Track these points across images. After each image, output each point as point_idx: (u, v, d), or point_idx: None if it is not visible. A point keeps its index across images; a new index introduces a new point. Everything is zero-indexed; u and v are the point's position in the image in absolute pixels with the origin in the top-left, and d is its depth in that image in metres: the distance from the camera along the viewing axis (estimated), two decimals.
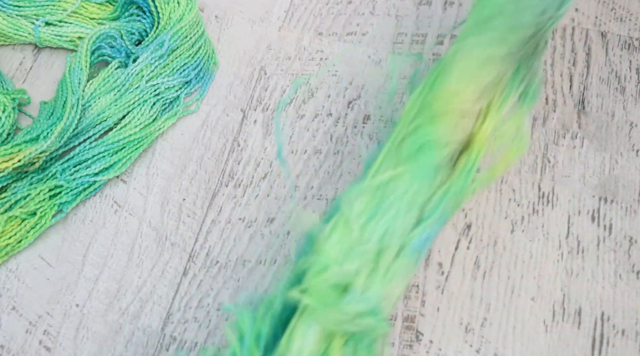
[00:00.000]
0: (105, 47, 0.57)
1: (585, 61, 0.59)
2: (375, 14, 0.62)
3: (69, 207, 0.52)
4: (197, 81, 0.59)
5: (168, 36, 0.56)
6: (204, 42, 0.58)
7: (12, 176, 0.52)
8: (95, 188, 0.54)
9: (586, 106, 0.56)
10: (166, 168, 0.55)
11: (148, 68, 0.56)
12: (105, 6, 0.61)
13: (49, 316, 0.49)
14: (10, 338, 0.49)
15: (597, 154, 0.54)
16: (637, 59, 0.59)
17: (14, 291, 0.50)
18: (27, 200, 0.51)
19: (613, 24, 0.61)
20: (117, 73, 0.55)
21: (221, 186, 0.55)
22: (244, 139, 0.57)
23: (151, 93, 0.56)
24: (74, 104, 0.52)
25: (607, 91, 0.57)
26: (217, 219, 0.53)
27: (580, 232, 0.51)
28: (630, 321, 0.48)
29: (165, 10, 0.57)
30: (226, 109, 0.58)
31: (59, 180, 0.52)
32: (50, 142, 0.51)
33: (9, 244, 0.51)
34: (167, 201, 0.54)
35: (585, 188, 0.53)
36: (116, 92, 0.55)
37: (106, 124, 0.55)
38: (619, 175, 0.53)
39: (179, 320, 0.49)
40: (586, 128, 0.56)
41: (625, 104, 0.56)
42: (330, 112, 0.57)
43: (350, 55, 0.60)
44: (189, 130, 0.57)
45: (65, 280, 0.51)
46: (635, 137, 0.55)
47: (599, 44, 0.60)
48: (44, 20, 0.59)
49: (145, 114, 0.55)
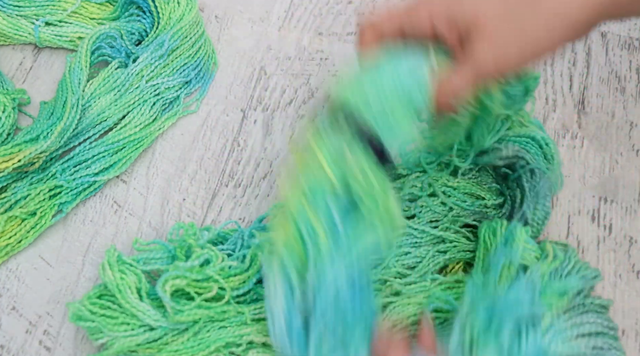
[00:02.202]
0: (105, 47, 0.57)
1: (585, 61, 0.59)
2: (375, 14, 0.62)
3: (69, 207, 0.52)
4: (197, 81, 0.58)
5: (168, 36, 0.56)
6: (204, 42, 0.58)
7: (12, 176, 0.52)
8: (95, 188, 0.53)
9: (586, 106, 0.56)
10: (166, 168, 0.55)
11: (148, 68, 0.56)
12: (105, 6, 0.61)
13: (49, 316, 0.49)
14: (10, 338, 0.49)
15: (597, 154, 0.54)
16: (637, 59, 0.59)
17: (14, 291, 0.50)
18: (27, 200, 0.51)
19: (613, 24, 0.61)
20: (117, 73, 0.55)
21: (221, 186, 0.55)
22: (244, 139, 0.57)
23: (151, 93, 0.56)
24: (74, 104, 0.52)
25: (607, 91, 0.57)
26: (217, 220, 0.53)
27: (580, 232, 0.51)
28: (630, 321, 0.48)
29: (165, 10, 0.57)
30: (226, 109, 0.58)
31: (59, 180, 0.52)
32: (50, 142, 0.50)
33: (9, 244, 0.51)
34: (167, 201, 0.54)
35: (585, 188, 0.53)
36: (116, 92, 0.55)
37: (106, 124, 0.55)
38: (619, 175, 0.53)
39: None
40: (586, 128, 0.56)
41: (625, 104, 0.56)
42: None
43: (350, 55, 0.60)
44: (189, 130, 0.57)
45: (65, 280, 0.51)
46: (635, 137, 0.55)
47: (599, 44, 0.60)
48: (44, 20, 0.59)
49: (145, 114, 0.55)
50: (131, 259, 0.45)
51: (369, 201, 0.39)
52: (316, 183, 0.39)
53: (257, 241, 0.47)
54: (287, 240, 0.40)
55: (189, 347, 0.43)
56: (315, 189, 0.39)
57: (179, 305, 0.42)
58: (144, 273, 0.45)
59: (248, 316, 0.44)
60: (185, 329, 0.44)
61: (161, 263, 0.46)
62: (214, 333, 0.44)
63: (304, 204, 0.39)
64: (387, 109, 0.40)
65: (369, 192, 0.39)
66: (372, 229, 0.39)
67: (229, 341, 0.44)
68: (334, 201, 0.39)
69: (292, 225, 0.39)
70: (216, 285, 0.44)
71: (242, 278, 0.45)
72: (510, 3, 0.39)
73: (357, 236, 0.39)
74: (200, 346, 0.43)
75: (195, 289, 0.44)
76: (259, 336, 0.44)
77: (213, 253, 0.45)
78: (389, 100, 0.40)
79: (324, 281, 0.38)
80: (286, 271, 0.39)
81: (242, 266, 0.46)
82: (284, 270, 0.40)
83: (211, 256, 0.45)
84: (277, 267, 0.40)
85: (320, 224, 0.39)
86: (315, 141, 0.40)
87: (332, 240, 0.39)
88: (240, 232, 0.49)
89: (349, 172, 0.39)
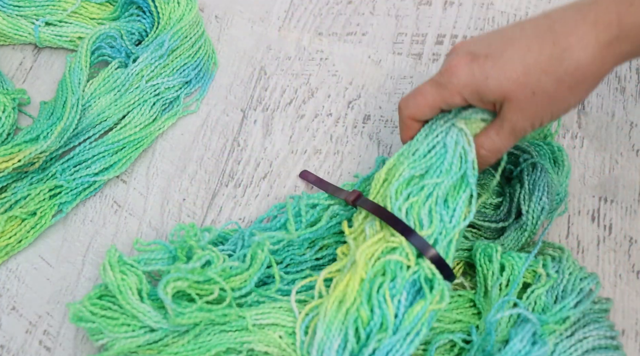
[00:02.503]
0: (105, 47, 0.57)
1: None
2: (375, 14, 0.62)
3: (69, 207, 0.52)
4: (197, 81, 0.58)
5: (168, 36, 0.56)
6: (204, 42, 0.58)
7: (12, 176, 0.52)
8: (95, 188, 0.53)
9: (586, 106, 0.56)
10: (166, 168, 0.55)
11: (148, 68, 0.56)
12: (105, 6, 0.61)
13: (49, 316, 0.49)
14: (10, 338, 0.49)
15: (597, 154, 0.54)
16: (637, 59, 0.59)
17: (14, 291, 0.50)
18: (27, 200, 0.51)
19: None
20: (117, 73, 0.55)
21: (221, 186, 0.55)
22: (244, 139, 0.57)
23: (151, 93, 0.56)
24: (74, 104, 0.52)
25: (607, 91, 0.57)
26: (217, 219, 0.53)
27: (580, 232, 0.51)
28: (630, 321, 0.48)
29: (165, 10, 0.57)
30: (226, 109, 0.58)
31: (59, 180, 0.52)
32: (50, 142, 0.50)
33: (9, 244, 0.51)
34: (167, 201, 0.54)
35: (585, 187, 0.53)
36: (116, 92, 0.55)
37: (106, 124, 0.55)
38: (619, 175, 0.53)
39: None
40: (586, 128, 0.56)
41: (625, 104, 0.56)
42: (330, 112, 0.57)
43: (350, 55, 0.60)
44: (189, 130, 0.57)
45: (65, 280, 0.51)
46: (635, 137, 0.55)
47: None
48: (44, 20, 0.59)
49: (145, 114, 0.55)
50: (132, 259, 0.45)
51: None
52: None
53: (257, 238, 0.47)
54: (353, 302, 0.41)
55: (190, 350, 0.43)
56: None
57: (180, 307, 0.42)
58: (144, 274, 0.45)
59: (249, 321, 0.44)
60: (186, 331, 0.44)
61: (162, 263, 0.46)
62: (214, 337, 0.44)
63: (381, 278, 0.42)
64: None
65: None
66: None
67: (230, 347, 0.44)
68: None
69: (364, 293, 0.41)
70: (217, 287, 0.44)
71: (243, 278, 0.45)
72: (533, 75, 0.40)
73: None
74: (200, 349, 0.43)
75: (197, 291, 0.44)
76: (260, 345, 0.44)
77: (214, 254, 0.45)
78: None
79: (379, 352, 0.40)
80: (346, 329, 0.41)
81: (243, 266, 0.46)
82: (343, 327, 0.41)
83: (212, 257, 0.45)
84: (336, 321, 0.41)
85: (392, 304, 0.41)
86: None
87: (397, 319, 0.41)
88: (240, 232, 0.49)
89: None
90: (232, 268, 0.46)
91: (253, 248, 0.46)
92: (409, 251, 0.42)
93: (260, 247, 0.46)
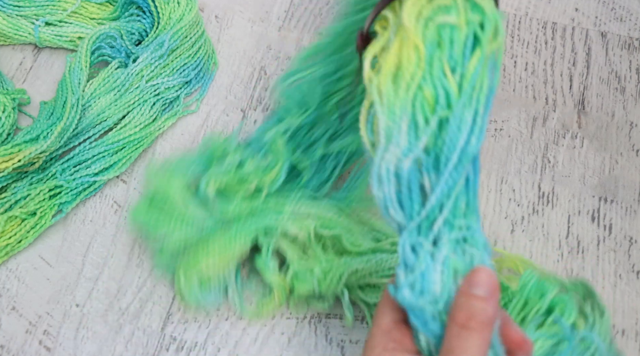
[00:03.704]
0: (105, 47, 0.57)
1: (585, 61, 0.59)
2: None
3: (69, 207, 0.52)
4: (197, 81, 0.59)
5: (168, 36, 0.56)
6: (204, 42, 0.58)
7: (12, 176, 0.52)
8: (95, 188, 0.53)
9: (586, 106, 0.56)
10: None
11: (148, 68, 0.56)
12: (105, 6, 0.61)
13: (49, 316, 0.49)
14: (10, 338, 0.49)
15: (597, 154, 0.54)
16: (637, 59, 0.59)
17: (14, 291, 0.50)
18: (27, 200, 0.51)
19: (613, 24, 0.61)
20: (117, 73, 0.55)
21: None
22: (243, 139, 0.57)
23: (151, 93, 0.56)
24: (74, 104, 0.52)
25: (607, 91, 0.57)
26: None
27: (580, 232, 0.51)
28: (630, 321, 0.48)
29: (165, 10, 0.57)
30: (226, 109, 0.58)
31: (59, 180, 0.52)
32: (50, 142, 0.50)
33: (9, 244, 0.51)
34: None
35: (585, 187, 0.53)
36: (116, 92, 0.55)
37: (106, 124, 0.55)
38: (619, 175, 0.53)
39: (179, 320, 0.49)
40: (586, 128, 0.56)
41: (625, 104, 0.56)
42: None
43: None
44: (189, 130, 0.57)
45: (65, 280, 0.51)
46: (635, 137, 0.55)
47: (599, 44, 0.60)
48: (44, 20, 0.59)
49: (145, 114, 0.55)
50: (174, 165, 0.50)
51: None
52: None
53: (272, 133, 0.50)
54: (412, 77, 0.34)
55: (234, 236, 0.47)
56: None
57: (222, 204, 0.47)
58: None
59: (287, 209, 0.47)
60: (229, 225, 0.47)
61: (200, 169, 0.50)
62: (254, 220, 0.47)
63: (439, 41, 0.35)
64: None
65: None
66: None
67: (268, 226, 0.47)
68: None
69: (424, 62, 0.34)
70: (254, 182, 0.48)
71: (275, 171, 0.49)
72: None
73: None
74: (242, 233, 0.47)
75: (235, 189, 0.48)
76: (293, 227, 0.46)
77: (247, 153, 0.50)
78: None
79: (453, 130, 0.33)
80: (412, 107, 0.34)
81: (273, 160, 0.49)
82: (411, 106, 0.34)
83: (244, 157, 0.49)
84: (401, 99, 0.34)
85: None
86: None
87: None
88: (259, 132, 0.53)
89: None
90: (263, 163, 0.49)
91: (272, 142, 0.50)
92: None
93: (279, 136, 0.50)
